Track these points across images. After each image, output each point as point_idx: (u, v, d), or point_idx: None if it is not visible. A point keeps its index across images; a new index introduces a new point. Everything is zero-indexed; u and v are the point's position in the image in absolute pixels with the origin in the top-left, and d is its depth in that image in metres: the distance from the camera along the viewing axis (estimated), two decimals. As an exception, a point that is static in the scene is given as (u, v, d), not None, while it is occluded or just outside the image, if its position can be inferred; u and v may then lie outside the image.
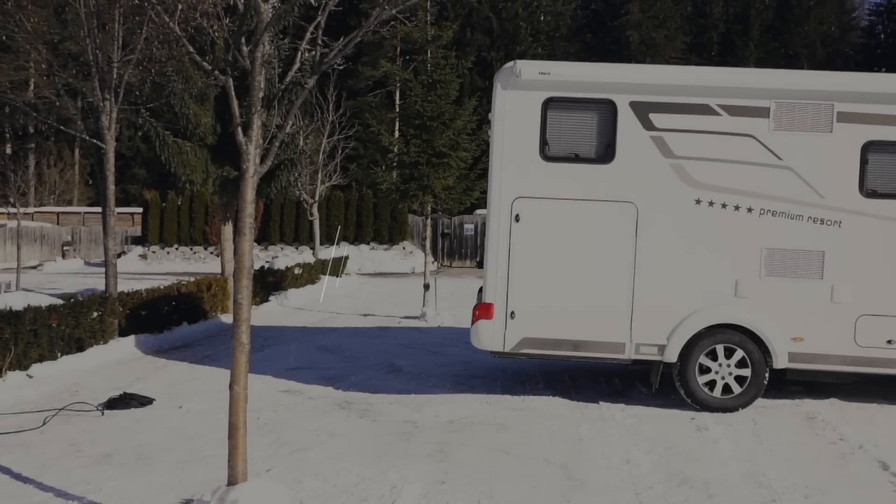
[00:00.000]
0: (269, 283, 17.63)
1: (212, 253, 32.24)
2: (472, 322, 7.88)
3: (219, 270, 18.13)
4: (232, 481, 4.76)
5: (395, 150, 15.43)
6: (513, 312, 7.73)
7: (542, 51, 44.79)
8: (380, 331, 13.49)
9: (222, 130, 15.44)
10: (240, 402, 4.80)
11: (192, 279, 14.09)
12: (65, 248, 35.40)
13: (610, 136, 7.71)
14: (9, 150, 37.68)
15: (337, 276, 23.04)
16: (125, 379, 9.39)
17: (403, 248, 32.78)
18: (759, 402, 8.04)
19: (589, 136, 7.80)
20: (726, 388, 7.74)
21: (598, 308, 7.70)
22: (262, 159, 4.94)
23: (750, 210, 7.61)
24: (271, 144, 5.02)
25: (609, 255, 7.68)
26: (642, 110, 7.66)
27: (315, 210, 26.02)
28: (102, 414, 7.74)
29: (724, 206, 7.62)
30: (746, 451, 6.49)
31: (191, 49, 4.97)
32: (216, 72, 4.93)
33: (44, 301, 10.04)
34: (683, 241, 7.66)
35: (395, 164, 15.46)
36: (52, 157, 42.15)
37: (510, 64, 7.80)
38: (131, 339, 11.22)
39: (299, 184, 24.14)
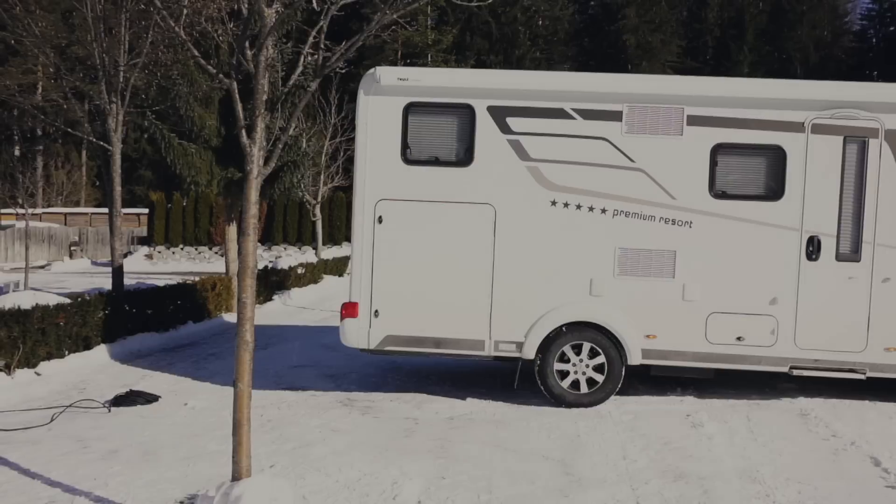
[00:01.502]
0: (272, 283, 17.63)
1: (216, 253, 32.24)
2: (340, 320, 7.93)
3: (223, 270, 18.12)
4: (236, 477, 4.76)
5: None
6: (377, 311, 7.79)
7: (541, 54, 44.84)
8: (381, 329, 13.47)
9: (226, 133, 15.43)
10: (244, 398, 4.80)
11: (198, 278, 14.09)
12: (72, 248, 35.41)
13: (469, 140, 7.76)
14: (17, 152, 37.65)
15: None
16: (131, 376, 9.39)
17: (404, 248, 32.75)
18: (754, 399, 8.05)
19: (449, 140, 7.87)
20: (582, 384, 7.80)
21: (458, 306, 7.75)
22: (266, 161, 4.94)
23: (604, 211, 7.67)
24: (275, 146, 5.03)
25: (468, 255, 7.74)
26: (499, 114, 7.71)
27: (318, 211, 26.02)
28: (109, 411, 7.74)
29: (578, 207, 7.69)
30: (741, 447, 6.49)
31: (196, 53, 4.97)
32: (221, 75, 4.93)
33: (52, 300, 10.05)
34: (540, 242, 7.72)
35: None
36: (59, 158, 42.13)
37: (371, 70, 7.85)
38: (137, 337, 11.22)
39: (302, 185, 24.08)
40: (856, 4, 52.69)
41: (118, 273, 12.56)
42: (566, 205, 7.69)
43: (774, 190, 7.64)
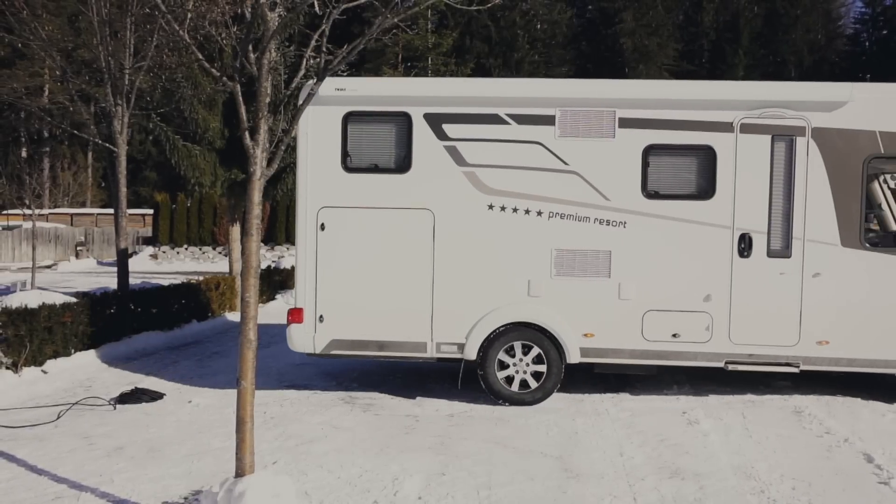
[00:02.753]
0: (275, 282, 17.62)
1: (220, 253, 32.23)
2: (287, 326, 7.96)
3: (227, 270, 18.13)
4: (239, 473, 4.76)
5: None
6: (321, 316, 7.81)
7: (539, 58, 44.78)
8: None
9: (230, 135, 15.42)
10: (247, 396, 4.80)
11: (202, 278, 14.09)
12: (78, 248, 35.41)
13: (406, 147, 7.81)
14: (24, 154, 37.64)
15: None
16: (136, 374, 9.40)
17: (405, 248, 32.71)
18: (749, 396, 8.05)
19: (387, 148, 7.90)
20: (524, 384, 7.84)
21: (400, 310, 7.79)
22: (269, 163, 4.94)
23: (539, 213, 7.70)
24: (277, 148, 5.02)
25: (409, 259, 7.78)
26: (436, 121, 7.76)
27: (320, 212, 25.93)
28: (114, 408, 7.75)
29: (515, 210, 7.72)
30: (736, 444, 6.49)
31: (200, 56, 4.97)
32: (224, 78, 4.93)
33: (58, 299, 10.05)
34: (478, 245, 7.75)
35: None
36: (66, 160, 42.14)
37: (309, 82, 7.85)
38: (142, 335, 11.23)
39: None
40: (849, 8, 52.58)
41: (123, 272, 12.56)
42: (503, 208, 7.73)
43: (706, 189, 7.66)
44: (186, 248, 33.09)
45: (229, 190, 15.96)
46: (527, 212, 7.70)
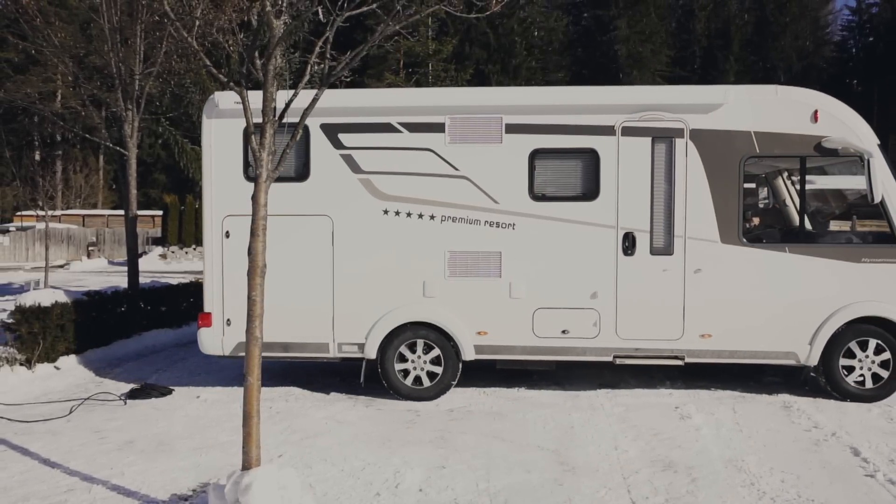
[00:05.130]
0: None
1: (227, 253, 32.22)
2: (198, 329, 8.01)
3: (234, 269, 18.10)
4: (246, 466, 4.76)
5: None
6: (228, 320, 7.85)
7: (536, 64, 44.80)
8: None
9: (237, 138, 15.42)
10: (253, 391, 4.80)
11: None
12: (90, 248, 35.42)
13: (305, 156, 7.84)
14: (38, 157, 37.66)
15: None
16: (146, 370, 9.41)
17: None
18: (739, 392, 8.05)
19: (287, 157, 7.91)
20: (422, 379, 7.89)
21: (303, 312, 7.82)
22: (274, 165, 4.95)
23: (433, 217, 7.74)
24: (283, 152, 5.03)
25: (311, 264, 7.81)
26: (332, 131, 7.80)
27: (324, 213, 25.93)
28: (125, 403, 7.75)
29: (409, 214, 7.76)
30: (727, 439, 6.49)
31: (207, 62, 4.98)
32: (231, 83, 4.94)
33: (70, 298, 10.04)
34: (375, 249, 7.79)
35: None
36: (78, 163, 42.16)
37: (211, 96, 8.00)
38: (152, 333, 11.23)
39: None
40: (836, 16, 52.69)
41: (134, 272, 12.56)
42: (397, 213, 7.77)
43: (590, 190, 7.67)
44: (195, 248, 33.10)
45: (236, 192, 15.95)
46: (420, 216, 7.74)
